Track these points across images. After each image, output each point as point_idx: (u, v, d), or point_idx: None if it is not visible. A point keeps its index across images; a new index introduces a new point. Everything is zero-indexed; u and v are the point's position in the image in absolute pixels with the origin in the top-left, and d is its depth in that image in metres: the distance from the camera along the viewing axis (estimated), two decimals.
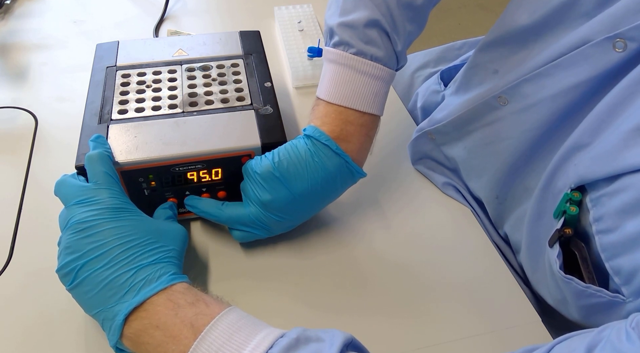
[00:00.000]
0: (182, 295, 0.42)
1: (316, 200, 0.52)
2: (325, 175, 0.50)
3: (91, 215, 0.44)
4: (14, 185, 0.61)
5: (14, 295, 0.51)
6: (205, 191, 0.54)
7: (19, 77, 0.77)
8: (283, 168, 0.49)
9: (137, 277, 0.42)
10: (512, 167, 0.54)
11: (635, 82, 0.40)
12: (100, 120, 0.54)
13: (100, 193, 0.45)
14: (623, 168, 0.38)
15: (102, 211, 0.44)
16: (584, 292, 0.42)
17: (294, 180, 0.49)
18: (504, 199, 0.57)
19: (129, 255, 0.43)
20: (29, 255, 0.55)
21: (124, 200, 0.46)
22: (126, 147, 0.51)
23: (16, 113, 0.71)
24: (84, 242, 0.43)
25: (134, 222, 0.45)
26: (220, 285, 0.53)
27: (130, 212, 0.46)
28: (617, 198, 0.38)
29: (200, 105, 0.56)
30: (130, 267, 0.42)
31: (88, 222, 0.43)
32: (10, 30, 0.86)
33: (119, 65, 0.61)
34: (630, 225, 0.37)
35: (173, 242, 0.47)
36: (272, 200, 0.50)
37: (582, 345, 0.32)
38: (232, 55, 0.63)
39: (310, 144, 0.50)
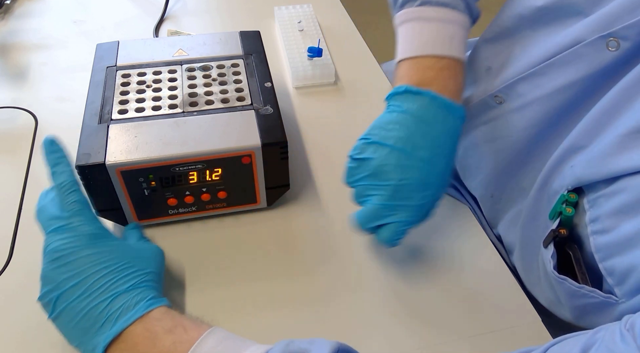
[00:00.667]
0: (158, 323, 0.41)
1: (429, 154, 0.46)
2: (416, 120, 0.46)
3: (64, 244, 0.42)
4: (14, 185, 0.61)
5: (13, 295, 0.51)
6: (205, 191, 0.54)
7: (19, 77, 0.77)
8: (377, 137, 0.47)
9: (114, 305, 0.41)
10: (508, 165, 0.54)
11: (632, 84, 0.40)
12: (101, 120, 0.54)
13: (73, 221, 0.44)
14: (620, 170, 0.38)
15: (75, 239, 0.43)
16: (577, 293, 0.42)
17: (390, 141, 0.46)
18: (499, 199, 0.57)
19: (104, 283, 0.42)
20: (29, 255, 0.55)
21: (97, 225, 0.45)
22: (126, 147, 0.51)
23: (16, 113, 0.71)
24: (59, 272, 0.42)
25: (108, 248, 0.44)
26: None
27: (105, 237, 0.45)
28: (615, 200, 0.38)
29: (201, 105, 0.56)
30: (106, 295, 0.41)
31: (61, 251, 0.42)
32: (10, 30, 0.86)
33: (119, 65, 0.61)
34: (626, 226, 0.37)
35: (150, 264, 0.46)
36: (383, 166, 0.46)
37: (577, 347, 0.32)
38: (232, 55, 0.63)
39: (390, 101, 0.49)
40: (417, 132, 0.46)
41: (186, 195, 0.54)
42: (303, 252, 0.56)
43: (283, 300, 0.51)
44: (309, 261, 0.55)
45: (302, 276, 0.54)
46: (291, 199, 0.61)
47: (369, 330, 0.49)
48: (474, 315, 0.51)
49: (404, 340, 0.49)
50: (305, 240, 0.57)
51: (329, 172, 0.64)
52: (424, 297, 0.52)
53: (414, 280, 0.53)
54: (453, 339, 0.49)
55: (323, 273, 0.54)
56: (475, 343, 0.49)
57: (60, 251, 0.42)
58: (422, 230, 0.58)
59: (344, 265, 0.55)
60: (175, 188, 0.53)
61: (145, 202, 0.53)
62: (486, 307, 0.51)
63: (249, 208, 0.58)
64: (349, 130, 0.70)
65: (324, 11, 0.92)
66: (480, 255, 0.56)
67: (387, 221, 0.47)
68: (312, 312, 0.51)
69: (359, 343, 0.48)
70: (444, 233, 0.58)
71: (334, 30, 0.88)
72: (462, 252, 0.56)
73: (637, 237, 0.36)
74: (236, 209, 0.58)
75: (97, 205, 0.53)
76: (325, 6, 0.94)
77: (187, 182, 0.53)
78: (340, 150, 0.67)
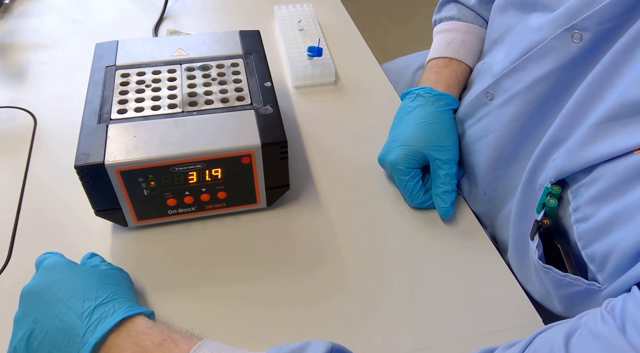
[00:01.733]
0: (147, 336, 0.40)
1: (428, 131, 0.58)
2: (415, 107, 0.60)
3: (32, 283, 0.44)
4: (13, 185, 0.61)
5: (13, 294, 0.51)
6: (204, 191, 0.54)
7: (18, 76, 0.77)
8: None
9: (92, 317, 0.41)
10: (497, 162, 0.55)
11: (600, 76, 0.42)
12: (100, 120, 0.53)
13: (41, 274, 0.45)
14: (594, 159, 0.40)
15: (41, 273, 0.44)
16: (562, 281, 0.43)
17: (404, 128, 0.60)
18: (491, 197, 0.58)
19: (75, 303, 0.42)
20: (28, 254, 0.54)
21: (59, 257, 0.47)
22: (125, 146, 0.51)
23: (15, 113, 0.71)
24: (28, 307, 0.43)
25: (69, 274, 0.44)
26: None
27: (64, 264, 0.45)
28: (593, 188, 0.40)
29: (200, 105, 0.56)
30: (81, 310, 0.41)
31: (28, 289, 0.44)
32: (10, 29, 0.86)
33: (118, 64, 0.60)
34: (603, 211, 0.39)
35: (118, 281, 0.46)
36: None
37: (561, 334, 0.33)
38: (232, 55, 0.63)
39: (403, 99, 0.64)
40: (422, 117, 0.60)
41: (185, 195, 0.54)
42: (303, 252, 0.56)
43: (282, 300, 0.51)
44: (308, 261, 0.55)
45: (301, 276, 0.53)
46: (291, 199, 0.61)
47: (368, 330, 0.49)
48: (474, 316, 0.50)
49: (404, 341, 0.48)
50: (305, 240, 0.57)
51: (329, 172, 0.64)
52: (424, 297, 0.52)
53: (414, 280, 0.53)
54: (453, 340, 0.49)
55: (322, 273, 0.54)
56: (475, 344, 0.48)
57: (27, 289, 0.44)
58: (422, 230, 0.58)
59: (344, 265, 0.55)
60: (174, 189, 0.53)
61: (144, 202, 0.53)
62: (486, 307, 0.51)
63: (249, 208, 0.58)
64: (349, 130, 0.70)
65: (324, 10, 0.92)
66: (480, 255, 0.56)
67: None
68: (312, 311, 0.51)
69: (357, 343, 0.48)
70: (444, 233, 0.58)
71: (334, 29, 0.88)
72: (462, 252, 0.56)
73: (613, 221, 0.37)
74: (236, 209, 0.57)
75: (96, 205, 0.53)
76: (325, 5, 0.94)
77: (187, 182, 0.53)
78: (340, 150, 0.67)
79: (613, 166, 0.38)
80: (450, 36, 0.66)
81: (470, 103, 0.58)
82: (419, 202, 0.59)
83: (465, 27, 0.66)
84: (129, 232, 0.57)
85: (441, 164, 0.58)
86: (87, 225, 0.57)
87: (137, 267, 0.54)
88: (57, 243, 0.56)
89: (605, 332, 0.31)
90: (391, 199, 0.61)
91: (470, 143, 0.59)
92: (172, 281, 0.53)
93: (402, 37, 2.10)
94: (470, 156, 0.60)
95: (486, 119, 0.56)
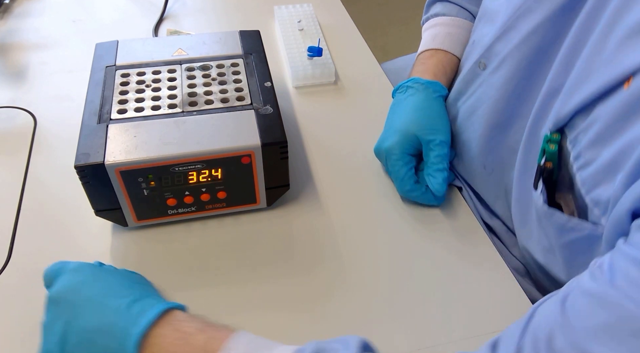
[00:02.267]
0: (187, 323, 0.41)
1: (423, 114, 0.60)
2: (406, 97, 0.63)
3: (60, 288, 0.43)
4: (13, 185, 0.61)
5: (13, 294, 0.51)
6: (204, 191, 0.54)
7: (18, 76, 0.77)
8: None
9: (131, 312, 0.41)
10: (494, 127, 0.55)
11: (587, 19, 0.43)
12: (100, 120, 0.53)
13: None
14: (586, 97, 0.40)
15: (66, 278, 0.44)
16: (566, 225, 0.43)
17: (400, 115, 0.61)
18: (491, 170, 0.58)
19: (108, 301, 0.42)
20: (28, 254, 0.55)
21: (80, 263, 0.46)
22: (125, 146, 0.51)
23: (15, 113, 0.71)
24: (57, 313, 0.42)
25: (99, 275, 0.45)
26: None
27: (91, 267, 0.46)
28: (591, 132, 0.40)
29: (200, 105, 0.56)
30: (118, 307, 0.41)
31: (56, 294, 0.43)
32: (10, 29, 0.86)
33: (118, 64, 0.60)
34: (604, 153, 0.39)
35: (142, 281, 0.48)
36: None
37: (557, 301, 0.33)
38: (232, 55, 0.63)
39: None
40: (413, 103, 0.62)
41: (185, 195, 0.54)
42: (303, 252, 0.56)
43: (282, 300, 0.51)
44: (308, 261, 0.55)
45: (301, 276, 0.53)
46: (291, 199, 0.61)
47: (368, 330, 0.49)
48: (473, 316, 0.50)
49: (404, 340, 0.48)
50: (305, 240, 0.57)
51: (329, 172, 0.64)
52: (424, 297, 0.52)
53: (414, 280, 0.53)
54: (453, 340, 0.49)
55: (322, 273, 0.54)
56: (475, 344, 0.48)
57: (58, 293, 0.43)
58: (422, 230, 0.58)
59: (344, 265, 0.55)
60: (174, 189, 0.53)
61: (144, 202, 0.53)
62: (486, 307, 0.51)
63: (249, 208, 0.58)
64: (349, 130, 0.70)
65: (324, 10, 0.92)
66: (481, 255, 0.56)
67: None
68: (311, 311, 0.51)
69: None
70: (444, 233, 0.58)
71: (334, 29, 0.88)
72: (462, 252, 0.56)
73: (615, 161, 0.37)
74: (236, 209, 0.57)
75: (96, 205, 0.53)
76: (325, 5, 0.94)
77: (187, 182, 0.53)
78: (340, 150, 0.67)
79: (606, 106, 0.39)
80: (435, 30, 0.68)
81: (463, 79, 0.59)
82: (407, 189, 0.59)
83: (450, 20, 0.68)
84: (129, 232, 0.57)
85: (434, 145, 0.58)
86: (87, 225, 0.57)
87: (137, 267, 0.53)
88: (57, 243, 0.56)
89: (595, 287, 0.31)
90: (391, 199, 0.61)
91: (465, 120, 0.59)
92: (172, 281, 0.53)
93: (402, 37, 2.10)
94: (466, 132, 0.60)
95: (480, 90, 0.57)
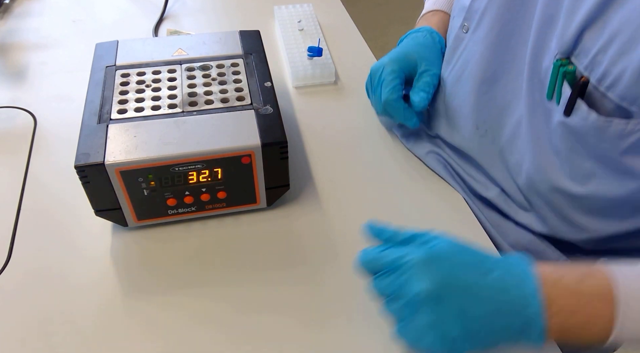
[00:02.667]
0: (561, 278, 0.40)
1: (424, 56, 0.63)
2: (413, 37, 0.66)
3: (433, 280, 0.41)
4: (13, 185, 0.61)
5: (13, 294, 0.51)
6: (204, 191, 0.54)
7: (18, 76, 0.77)
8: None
9: (509, 281, 0.40)
10: (483, 83, 0.56)
11: None
12: (100, 120, 0.54)
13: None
14: (592, 5, 0.40)
15: (434, 266, 0.41)
16: (625, 130, 0.43)
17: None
18: (484, 130, 0.58)
19: (483, 277, 0.41)
20: (28, 254, 0.55)
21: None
22: (125, 146, 0.51)
23: (15, 113, 0.71)
24: (449, 302, 0.40)
25: (458, 253, 0.43)
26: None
27: (451, 245, 0.44)
28: (612, 48, 0.40)
29: (200, 105, 0.56)
30: (494, 284, 0.41)
31: (436, 286, 0.40)
32: (10, 29, 0.86)
33: (118, 64, 0.60)
34: (634, 57, 0.39)
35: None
36: None
37: None
38: (232, 55, 0.63)
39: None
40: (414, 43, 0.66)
41: (186, 195, 0.54)
42: (303, 252, 0.56)
43: (282, 300, 0.51)
44: (308, 261, 0.55)
45: (301, 276, 0.53)
46: (291, 199, 0.61)
47: (369, 330, 0.49)
48: None
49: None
50: (305, 240, 0.57)
51: (329, 172, 0.64)
52: None
53: None
54: None
55: (322, 273, 0.54)
56: None
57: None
58: None
59: (344, 265, 0.54)
60: (174, 189, 0.53)
61: (144, 202, 0.53)
62: None
63: (249, 208, 0.58)
64: (349, 130, 0.70)
65: (324, 11, 0.92)
66: None
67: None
68: (312, 311, 0.51)
69: (359, 343, 0.48)
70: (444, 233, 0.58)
71: (334, 29, 0.88)
72: None
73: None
74: (236, 209, 0.57)
75: (96, 205, 0.53)
76: (325, 6, 0.94)
77: (187, 182, 0.53)
78: (341, 150, 0.67)
79: (618, 13, 0.39)
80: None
81: (450, 47, 0.60)
82: (392, 98, 0.61)
83: None
84: (129, 232, 0.57)
85: (427, 74, 0.62)
86: (87, 225, 0.57)
87: (137, 267, 0.54)
88: (57, 243, 0.56)
89: None
90: (392, 199, 0.61)
91: (453, 85, 0.60)
92: (172, 281, 0.53)
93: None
94: (456, 98, 0.60)
95: (465, 52, 0.58)
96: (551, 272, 0.41)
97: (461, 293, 0.40)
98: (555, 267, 0.42)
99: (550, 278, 0.41)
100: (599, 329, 0.40)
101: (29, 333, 0.48)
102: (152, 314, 0.50)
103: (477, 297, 0.40)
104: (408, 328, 0.41)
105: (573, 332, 0.41)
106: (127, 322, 0.49)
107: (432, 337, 0.40)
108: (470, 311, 0.40)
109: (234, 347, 0.48)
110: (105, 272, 0.53)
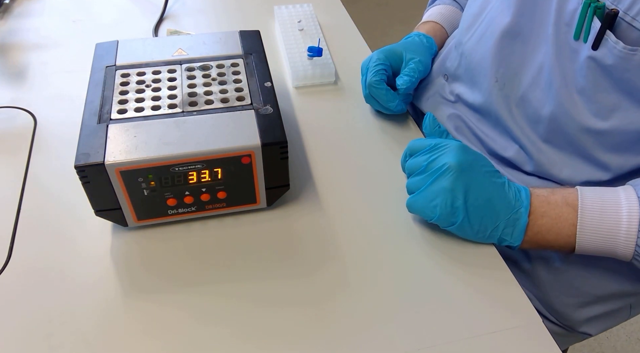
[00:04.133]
0: (547, 197, 0.51)
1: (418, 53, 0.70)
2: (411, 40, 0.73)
3: (459, 160, 0.51)
4: (13, 185, 0.61)
5: (13, 294, 0.51)
6: (204, 191, 0.54)
7: (18, 76, 0.77)
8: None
9: (509, 193, 0.52)
10: (505, 37, 0.58)
11: None
12: (100, 120, 0.54)
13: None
14: None
15: (462, 152, 0.52)
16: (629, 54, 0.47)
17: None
18: (503, 83, 0.60)
19: (492, 179, 0.52)
20: (28, 254, 0.55)
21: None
22: (125, 146, 0.51)
23: (15, 113, 0.71)
24: (461, 179, 0.51)
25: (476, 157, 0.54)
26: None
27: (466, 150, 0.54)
28: None
29: (200, 105, 0.56)
30: (502, 182, 0.52)
31: (459, 164, 0.51)
32: (10, 29, 0.86)
33: (118, 64, 0.60)
34: None
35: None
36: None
37: None
38: (232, 55, 0.63)
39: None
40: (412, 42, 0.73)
41: (186, 195, 0.54)
42: (303, 252, 0.56)
43: (282, 300, 0.51)
44: (308, 261, 0.55)
45: (301, 276, 0.53)
46: (291, 199, 0.61)
47: (368, 330, 0.49)
48: (473, 316, 0.50)
49: (404, 340, 0.49)
50: (305, 240, 0.57)
51: (329, 172, 0.64)
52: (425, 296, 0.52)
53: (415, 280, 0.53)
54: (453, 340, 0.49)
55: (322, 273, 0.54)
56: (475, 344, 0.48)
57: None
58: (422, 230, 0.58)
59: (344, 265, 0.55)
60: (174, 189, 0.53)
61: (144, 202, 0.53)
62: (486, 307, 0.51)
63: (249, 208, 0.58)
64: (349, 130, 0.70)
65: (324, 11, 0.92)
66: (481, 255, 0.56)
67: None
68: (312, 311, 0.51)
69: (358, 343, 0.48)
70: (445, 233, 0.58)
71: (334, 29, 0.88)
72: (463, 252, 0.56)
73: None
74: (236, 209, 0.57)
75: (96, 205, 0.53)
76: (325, 6, 0.94)
77: (187, 182, 0.53)
78: (340, 150, 0.67)
79: None
80: (429, 12, 0.80)
81: (473, 13, 0.63)
82: (376, 80, 0.66)
83: (444, 7, 0.79)
84: (129, 232, 0.57)
85: (412, 61, 0.68)
86: (87, 225, 0.57)
87: (137, 267, 0.54)
88: (57, 243, 0.56)
89: None
90: (392, 199, 0.61)
91: (475, 44, 0.63)
92: (172, 281, 0.53)
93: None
94: (477, 54, 0.63)
95: (491, 12, 0.60)
96: (535, 188, 0.53)
97: (476, 175, 0.51)
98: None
99: (533, 191, 0.53)
100: (565, 234, 0.51)
101: (29, 333, 0.48)
102: (152, 314, 0.50)
103: (485, 183, 0.51)
104: (421, 194, 0.52)
105: (542, 236, 0.52)
106: (127, 321, 0.49)
107: (440, 200, 0.51)
108: (477, 192, 0.51)
109: (235, 345, 0.48)
110: (106, 272, 0.53)
